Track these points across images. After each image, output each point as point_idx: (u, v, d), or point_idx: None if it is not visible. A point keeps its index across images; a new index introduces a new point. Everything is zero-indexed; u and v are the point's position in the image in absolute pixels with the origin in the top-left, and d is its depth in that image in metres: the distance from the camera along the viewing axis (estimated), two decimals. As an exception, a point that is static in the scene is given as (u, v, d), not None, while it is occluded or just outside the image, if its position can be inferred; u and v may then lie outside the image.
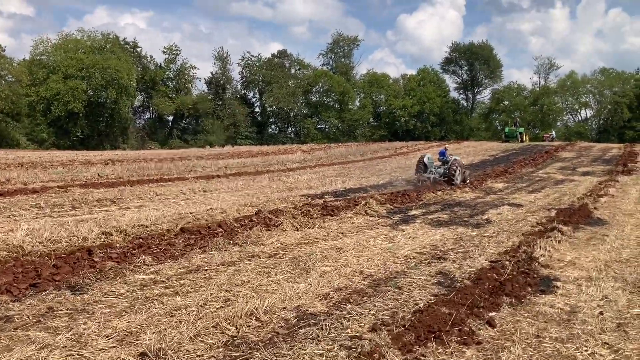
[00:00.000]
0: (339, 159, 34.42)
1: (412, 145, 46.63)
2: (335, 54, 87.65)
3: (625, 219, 12.93)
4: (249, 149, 47.69)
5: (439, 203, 15.59)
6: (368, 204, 13.44)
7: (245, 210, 12.59)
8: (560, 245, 9.57)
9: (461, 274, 7.55)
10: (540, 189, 19.11)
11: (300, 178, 21.83)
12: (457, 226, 11.70)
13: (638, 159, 30.57)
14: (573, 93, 76.91)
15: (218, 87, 76.96)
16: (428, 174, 19.53)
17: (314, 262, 7.90)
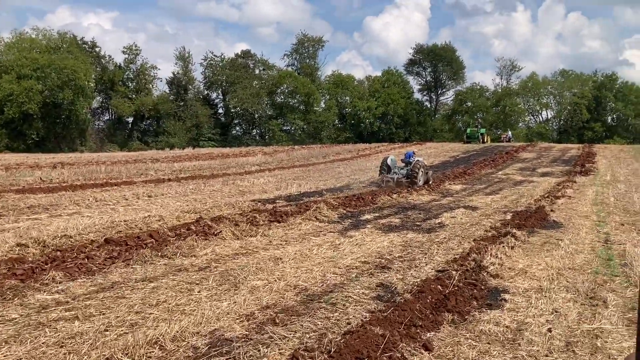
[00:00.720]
0: (300, 161, 33.77)
1: (375, 147, 46.30)
2: (300, 55, 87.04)
3: (581, 222, 12.63)
4: (210, 151, 46.63)
5: (393, 206, 15.09)
6: (319, 209, 12.82)
7: (187, 217, 11.84)
8: (513, 252, 9.11)
9: (403, 286, 6.98)
10: (498, 191, 18.82)
11: (257, 181, 21.10)
12: (408, 231, 11.18)
13: (595, 159, 30.81)
14: (534, 94, 78.08)
15: (180, 87, 75.45)
16: (391, 174, 19.48)
17: (246, 276, 7.22)
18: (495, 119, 74.02)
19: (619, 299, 6.63)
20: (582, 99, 72.79)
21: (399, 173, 19.62)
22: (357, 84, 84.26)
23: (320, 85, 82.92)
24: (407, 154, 20.53)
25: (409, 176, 19.19)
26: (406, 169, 19.70)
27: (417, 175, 18.98)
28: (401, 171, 19.76)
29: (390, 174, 19.51)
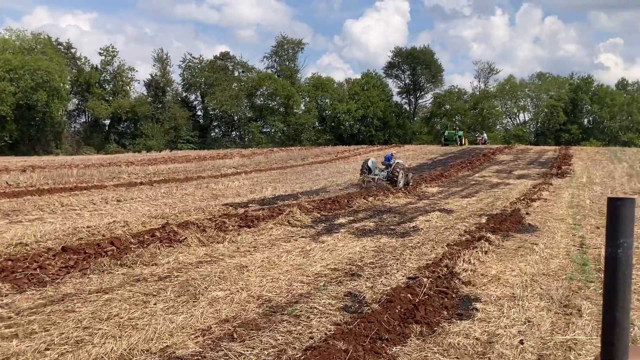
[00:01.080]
0: (278, 163, 33.41)
1: (354, 150, 46.12)
2: (280, 57, 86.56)
3: (556, 225, 12.50)
4: (187, 153, 46.01)
5: (369, 210, 14.83)
6: (291, 213, 12.50)
7: (153, 222, 11.43)
8: (487, 257, 8.89)
9: (372, 295, 6.69)
10: (474, 194, 18.69)
11: (232, 184, 20.70)
12: (381, 235, 10.91)
13: (572, 161, 30.96)
14: (512, 97, 78.63)
15: (158, 89, 74.34)
16: (372, 176, 19.65)
17: (207, 286, 6.87)
18: (473, 122, 74.32)
19: (593, 307, 6.42)
20: (559, 102, 73.49)
21: (379, 175, 19.73)
22: (336, 87, 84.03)
23: (300, 88, 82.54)
24: (387, 156, 20.71)
25: (389, 178, 19.34)
26: (386, 171, 19.84)
27: (397, 177, 19.19)
28: (382, 173, 19.88)
29: (371, 176, 19.62)
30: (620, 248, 1.26)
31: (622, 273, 1.27)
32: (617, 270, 1.27)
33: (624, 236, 1.26)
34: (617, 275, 1.27)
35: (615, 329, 1.27)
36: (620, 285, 1.27)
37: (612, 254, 1.27)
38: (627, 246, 1.26)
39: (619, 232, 1.26)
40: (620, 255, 1.27)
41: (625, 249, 1.26)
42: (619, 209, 1.26)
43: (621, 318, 1.26)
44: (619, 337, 1.26)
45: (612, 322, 1.27)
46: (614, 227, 1.27)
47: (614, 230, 1.27)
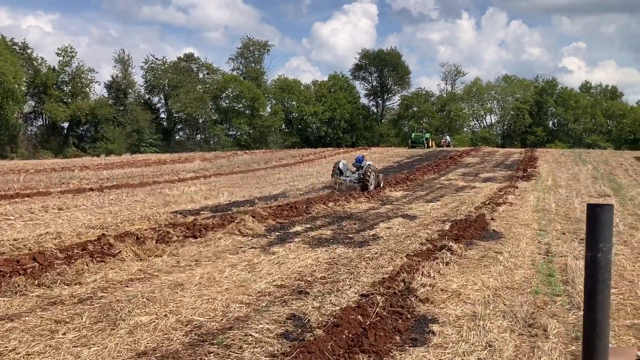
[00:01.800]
0: (240, 167, 32.47)
1: (320, 152, 45.45)
2: (246, 59, 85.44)
3: (522, 231, 11.99)
4: (147, 157, 44.66)
5: (328, 216, 14.13)
6: (243, 221, 11.69)
7: (90, 233, 10.51)
8: (448, 269, 8.26)
9: (319, 317, 5.96)
10: (439, 198, 18.18)
11: (187, 190, 19.76)
12: (338, 245, 10.21)
13: (537, 163, 30.85)
14: (478, 99, 79.26)
15: (119, 91, 72.46)
16: (344, 178, 19.60)
17: (131, 310, 6.03)
18: (441, 124, 74.56)
19: (560, 326, 5.82)
20: (525, 104, 74.35)
21: (351, 177, 19.71)
22: (303, 89, 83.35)
23: (266, 90, 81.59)
24: (358, 158, 20.56)
25: (360, 180, 19.29)
26: (357, 173, 19.79)
27: (369, 179, 19.08)
28: (353, 175, 19.82)
29: (343, 178, 19.54)
30: (600, 252, 1.32)
31: (602, 276, 1.32)
32: (597, 273, 1.31)
33: (603, 241, 1.33)
34: (597, 278, 1.32)
35: (596, 330, 1.30)
36: (600, 288, 1.32)
37: (592, 257, 1.33)
38: (607, 250, 1.34)
39: (598, 237, 1.33)
40: (600, 259, 1.32)
41: (604, 253, 1.33)
42: (598, 215, 1.34)
43: (601, 319, 1.31)
44: (599, 337, 1.30)
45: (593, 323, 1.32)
46: (593, 232, 1.34)
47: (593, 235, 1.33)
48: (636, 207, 15.93)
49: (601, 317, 1.33)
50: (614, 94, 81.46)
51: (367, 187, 18.95)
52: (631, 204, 16.58)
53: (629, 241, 10.96)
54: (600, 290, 1.34)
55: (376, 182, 19.80)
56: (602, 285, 1.35)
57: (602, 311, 1.34)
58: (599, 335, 1.32)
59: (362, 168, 19.67)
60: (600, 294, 1.34)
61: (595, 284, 1.35)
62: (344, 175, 19.70)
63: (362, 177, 19.24)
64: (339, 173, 19.70)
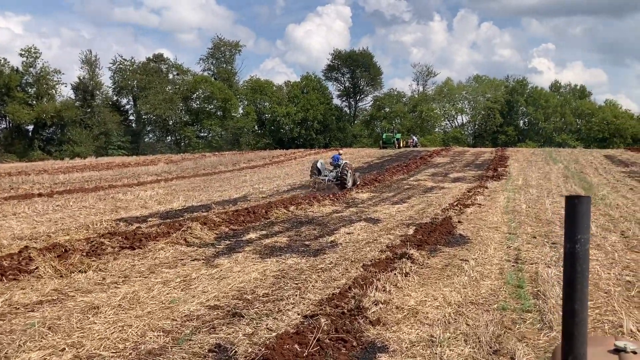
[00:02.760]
0: (207, 169, 31.35)
1: (290, 154, 44.51)
2: (217, 60, 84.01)
3: (490, 235, 11.25)
4: (112, 160, 43.16)
5: (288, 221, 13.23)
6: (191, 229, 10.72)
7: (14, 245, 9.41)
8: (407, 281, 7.43)
9: (248, 347, 5.04)
10: (406, 199, 17.42)
11: (143, 194, 18.65)
12: (291, 254, 9.31)
13: (508, 163, 30.41)
14: (449, 99, 79.17)
15: (86, 93, 70.42)
16: (322, 178, 19.89)
17: (23, 343, 5.03)
18: (413, 124, 74.18)
19: (530, 352, 5.02)
20: (495, 104, 74.46)
21: (329, 176, 19.98)
22: (276, 90, 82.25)
23: (238, 91, 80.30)
24: (335, 157, 20.86)
25: (338, 178, 19.63)
26: (335, 172, 20.08)
27: (346, 177, 19.52)
28: (330, 174, 20.12)
29: (321, 177, 19.86)
30: (577, 244, 1.32)
31: (580, 267, 1.33)
32: (575, 264, 1.33)
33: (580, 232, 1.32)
34: (576, 269, 1.33)
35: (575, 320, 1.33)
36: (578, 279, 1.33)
37: (570, 249, 1.33)
38: (584, 242, 1.33)
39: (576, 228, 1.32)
40: (578, 250, 1.32)
41: (582, 244, 1.33)
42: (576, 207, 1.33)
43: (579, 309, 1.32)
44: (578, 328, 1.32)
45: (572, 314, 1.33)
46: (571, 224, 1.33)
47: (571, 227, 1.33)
48: (608, 207, 15.37)
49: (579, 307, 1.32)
50: (583, 94, 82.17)
51: (345, 185, 19.33)
52: (602, 203, 16.02)
53: (602, 245, 10.29)
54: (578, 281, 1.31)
55: (353, 180, 20.20)
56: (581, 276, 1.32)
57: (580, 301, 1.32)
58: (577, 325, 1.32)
59: (340, 167, 19.96)
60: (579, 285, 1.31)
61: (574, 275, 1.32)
62: (322, 175, 19.99)
63: (340, 175, 19.56)
64: (317, 172, 20.04)
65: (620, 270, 8.33)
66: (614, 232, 11.72)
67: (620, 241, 10.74)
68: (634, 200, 16.79)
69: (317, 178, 19.72)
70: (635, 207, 15.25)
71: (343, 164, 19.99)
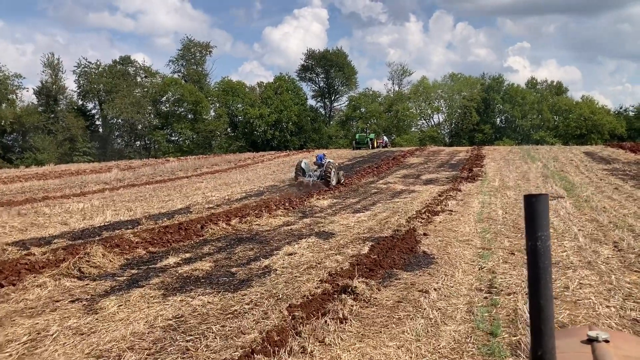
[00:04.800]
0: (163, 176, 29.09)
1: (259, 157, 42.39)
2: (187, 61, 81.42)
3: (459, 252, 9.34)
4: (68, 167, 40.57)
5: (225, 238, 11.20)
6: (89, 256, 8.62)
7: None
8: (340, 332, 5.45)
9: None
10: (370, 206, 15.48)
11: (74, 207, 16.46)
12: (205, 289, 7.29)
13: (484, 162, 28.69)
14: (425, 98, 77.62)
15: (49, 97, 67.47)
16: (307, 177, 20.20)
17: None
18: (389, 124, 72.44)
19: None
20: (472, 102, 73.10)
21: (313, 175, 20.34)
22: (248, 91, 79.96)
23: (209, 93, 77.81)
24: (319, 157, 21.40)
25: (322, 177, 19.93)
26: (319, 171, 20.42)
27: (330, 176, 19.81)
28: (315, 173, 20.46)
29: (307, 178, 20.12)
30: (539, 241, 1.36)
31: (542, 263, 1.36)
32: (538, 261, 1.36)
33: (541, 229, 1.36)
34: (539, 265, 1.36)
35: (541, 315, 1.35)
36: (542, 275, 1.36)
37: (532, 246, 1.36)
38: (545, 238, 1.37)
39: (536, 226, 1.36)
40: (540, 247, 1.36)
41: (543, 241, 1.36)
42: (534, 205, 1.36)
43: (545, 305, 1.35)
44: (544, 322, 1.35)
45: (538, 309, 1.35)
46: (532, 222, 1.36)
47: (532, 225, 1.36)
48: (594, 211, 13.60)
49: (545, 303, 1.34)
50: (560, 90, 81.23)
51: (329, 183, 19.63)
52: (588, 206, 14.27)
53: (594, 262, 8.44)
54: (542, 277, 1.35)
55: (337, 178, 20.41)
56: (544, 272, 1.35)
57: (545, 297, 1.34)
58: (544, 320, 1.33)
59: (323, 166, 20.36)
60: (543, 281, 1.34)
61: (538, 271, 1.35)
62: (307, 174, 20.33)
63: (324, 174, 19.91)
64: (301, 173, 20.38)
65: (622, 302, 6.48)
66: (605, 243, 9.90)
67: (614, 256, 8.91)
68: (621, 201, 15.07)
69: (303, 178, 19.99)
70: (625, 210, 13.50)
71: (327, 162, 20.43)
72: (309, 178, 20.12)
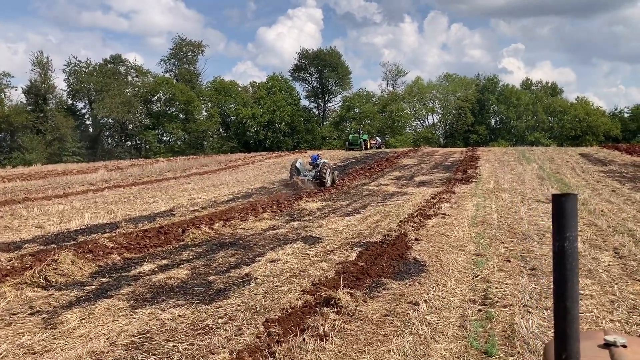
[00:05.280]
0: (150, 177, 28.46)
1: (250, 157, 41.79)
2: (179, 60, 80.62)
3: (452, 259, 8.84)
4: (55, 167, 39.83)
5: (207, 243, 10.65)
6: (57, 263, 8.05)
7: None
8: (320, 351, 4.92)
9: None
10: (361, 209, 14.97)
11: (54, 209, 15.88)
12: (178, 300, 6.75)
13: (479, 163, 28.23)
14: (420, 99, 77.17)
15: (38, 97, 66.52)
16: (302, 177, 20.15)
17: None
18: (383, 125, 71.92)
19: None
20: (466, 103, 72.69)
21: (308, 175, 20.32)
22: (241, 91, 79.28)
23: (201, 92, 77.04)
24: (313, 157, 21.43)
25: (317, 177, 20.01)
26: (314, 171, 20.45)
27: (325, 176, 19.94)
28: (310, 173, 20.45)
29: (301, 177, 20.09)
30: (566, 241, 1.31)
31: (570, 265, 1.32)
32: (566, 262, 1.31)
33: (569, 230, 1.31)
34: (566, 267, 1.31)
35: (567, 317, 1.32)
36: (569, 277, 1.32)
37: (559, 247, 1.32)
38: (573, 239, 1.32)
39: (565, 226, 1.31)
40: (567, 248, 1.31)
41: (571, 241, 1.32)
42: (563, 205, 1.32)
43: (571, 307, 1.32)
44: (570, 325, 1.32)
45: (564, 311, 1.32)
46: (560, 222, 1.32)
47: (560, 225, 1.32)
48: (592, 214, 13.15)
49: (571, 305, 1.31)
50: (555, 91, 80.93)
51: (324, 183, 19.78)
52: (586, 210, 13.81)
53: (594, 271, 7.96)
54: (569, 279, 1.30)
55: (332, 178, 20.60)
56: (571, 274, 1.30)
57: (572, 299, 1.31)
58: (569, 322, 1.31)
59: (318, 166, 20.45)
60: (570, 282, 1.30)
61: (565, 272, 1.30)
62: (302, 174, 20.33)
63: (319, 174, 19.97)
64: (296, 172, 20.38)
65: (627, 315, 6.00)
66: (605, 249, 9.43)
67: (615, 264, 8.43)
68: (620, 204, 14.62)
69: (298, 178, 19.97)
70: (623, 214, 13.05)
71: (321, 163, 20.60)
72: (304, 177, 20.13)
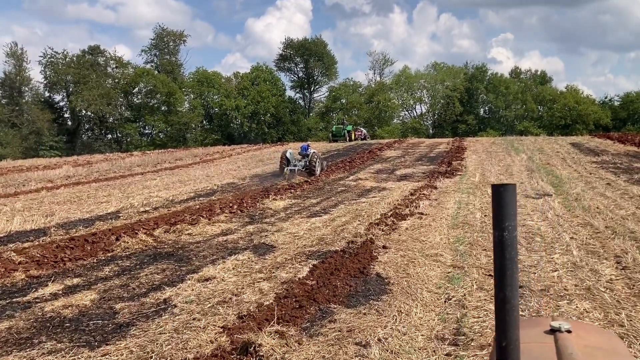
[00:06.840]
0: (118, 172, 26.71)
1: (229, 150, 40.05)
2: (160, 51, 78.36)
3: (424, 273, 7.30)
4: (24, 162, 37.84)
5: (140, 253, 9.07)
6: None
7: None
8: None
9: None
10: (331, 208, 13.40)
11: (-9, 211, 14.17)
12: (60, 340, 5.17)
13: (465, 155, 26.72)
14: (407, 89, 75.51)
15: (13, 89, 64.29)
16: (292, 167, 20.49)
17: None
18: (370, 115, 70.25)
19: None
20: (455, 92, 71.14)
21: (298, 165, 20.60)
22: (224, 82, 77.25)
23: (183, 84, 74.95)
24: (303, 147, 21.57)
25: (306, 167, 20.34)
26: (304, 161, 20.76)
27: (314, 166, 20.36)
28: (300, 163, 20.77)
29: (291, 167, 20.44)
30: (506, 231, 1.31)
31: (509, 254, 1.32)
32: (505, 252, 1.32)
33: (508, 219, 1.31)
34: (505, 256, 1.32)
35: (506, 306, 1.32)
36: (508, 266, 1.32)
37: (499, 237, 1.32)
38: (512, 229, 1.32)
39: (504, 216, 1.31)
40: (507, 238, 1.31)
41: (510, 231, 1.31)
42: (502, 195, 1.31)
43: (511, 295, 1.32)
44: (509, 313, 1.33)
45: (503, 300, 1.32)
46: (499, 212, 1.32)
47: (499, 215, 1.32)
48: (586, 211, 11.68)
49: (510, 294, 1.31)
50: (544, 79, 79.57)
51: (314, 172, 20.13)
52: (579, 206, 12.33)
53: (594, 288, 6.47)
54: (508, 268, 1.31)
55: (321, 167, 21.17)
56: (510, 263, 1.31)
57: (511, 288, 1.31)
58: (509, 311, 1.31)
59: (308, 156, 20.75)
60: (509, 272, 1.31)
61: (504, 262, 1.30)
62: (292, 164, 20.63)
63: (309, 164, 20.32)
64: (286, 163, 20.63)
65: (643, 360, 4.49)
66: (606, 258, 7.94)
67: (618, 278, 6.96)
68: (616, 200, 13.16)
69: (287, 168, 20.33)
70: (622, 211, 11.58)
71: (311, 153, 20.89)
72: (294, 168, 20.39)
